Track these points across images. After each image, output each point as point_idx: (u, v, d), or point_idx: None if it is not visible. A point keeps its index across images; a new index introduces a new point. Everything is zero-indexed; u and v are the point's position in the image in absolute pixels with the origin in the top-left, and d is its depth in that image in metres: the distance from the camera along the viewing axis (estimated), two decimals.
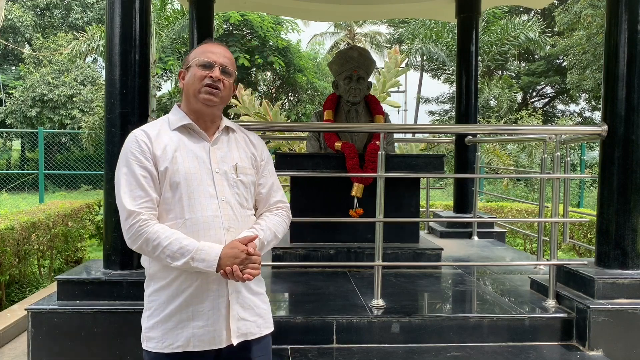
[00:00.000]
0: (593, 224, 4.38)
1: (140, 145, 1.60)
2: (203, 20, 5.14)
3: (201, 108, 1.67)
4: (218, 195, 1.63)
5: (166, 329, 1.60)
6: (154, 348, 1.61)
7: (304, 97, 18.95)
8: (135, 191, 1.56)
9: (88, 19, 20.83)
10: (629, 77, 2.82)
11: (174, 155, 1.61)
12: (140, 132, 1.65)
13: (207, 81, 1.64)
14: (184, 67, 1.73)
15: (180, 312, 1.59)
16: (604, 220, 2.93)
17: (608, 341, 2.63)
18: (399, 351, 2.61)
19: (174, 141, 1.64)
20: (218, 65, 1.67)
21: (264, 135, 7.62)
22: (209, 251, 1.54)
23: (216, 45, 1.72)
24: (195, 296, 1.59)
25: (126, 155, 1.61)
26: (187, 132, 1.68)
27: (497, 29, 16.55)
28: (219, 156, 1.68)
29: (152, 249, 1.54)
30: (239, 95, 8.56)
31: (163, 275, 1.61)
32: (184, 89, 1.71)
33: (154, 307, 1.63)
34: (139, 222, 1.54)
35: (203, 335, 1.60)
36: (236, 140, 1.76)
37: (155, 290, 1.63)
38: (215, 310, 1.60)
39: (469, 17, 5.23)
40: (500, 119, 14.90)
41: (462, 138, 5.15)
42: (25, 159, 16.83)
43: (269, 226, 1.72)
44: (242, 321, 1.65)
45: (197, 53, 1.70)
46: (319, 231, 3.84)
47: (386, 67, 9.00)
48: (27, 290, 4.86)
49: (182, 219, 1.59)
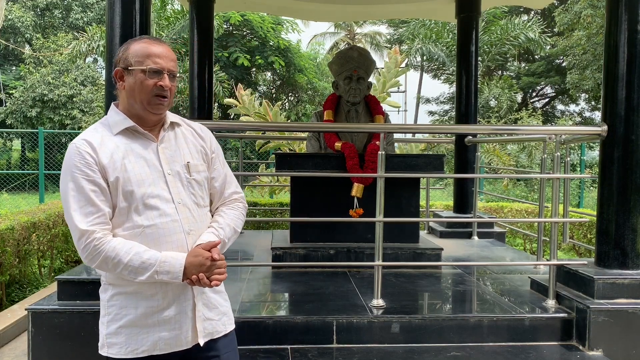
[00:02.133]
0: (593, 224, 4.38)
1: (84, 157, 1.49)
2: (203, 20, 5.14)
3: (147, 115, 1.58)
4: (174, 198, 1.56)
5: (130, 334, 1.53)
6: (116, 354, 1.54)
7: (304, 97, 18.95)
8: (86, 208, 1.47)
9: (88, 19, 20.82)
10: (629, 77, 2.82)
11: (123, 163, 1.52)
12: (82, 142, 1.52)
13: (157, 91, 1.55)
14: (121, 66, 1.58)
15: (145, 317, 1.54)
16: (603, 220, 2.93)
17: (608, 341, 2.64)
18: (399, 351, 2.61)
19: (120, 148, 1.54)
20: (166, 72, 1.56)
21: (264, 135, 7.62)
22: (173, 262, 1.49)
23: (158, 45, 1.59)
24: (160, 300, 1.54)
25: (70, 169, 1.49)
26: (131, 135, 1.58)
27: (497, 29, 16.55)
28: (168, 156, 1.60)
29: (112, 266, 1.47)
30: (238, 96, 8.55)
31: (125, 282, 1.53)
32: (126, 93, 1.58)
33: (115, 311, 1.55)
34: (94, 241, 1.46)
35: (170, 338, 1.56)
36: (183, 135, 1.67)
37: (115, 294, 1.56)
38: (182, 313, 1.57)
39: (469, 17, 5.23)
40: (500, 119, 14.90)
41: (462, 138, 5.15)
42: (25, 159, 16.82)
43: (228, 222, 1.68)
44: (208, 321, 1.63)
45: (139, 54, 1.56)
46: (319, 231, 3.85)
47: (386, 67, 9.00)
48: (27, 290, 4.86)
49: (140, 227, 1.52)
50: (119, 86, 1.61)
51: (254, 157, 13.76)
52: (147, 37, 1.64)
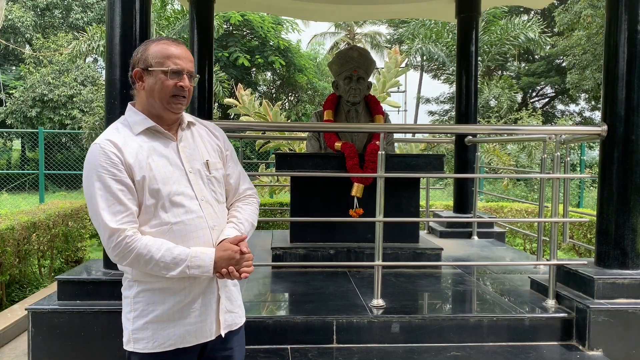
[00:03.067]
0: (593, 224, 4.38)
1: (110, 157, 1.52)
2: (203, 20, 5.14)
3: (166, 115, 1.62)
4: (197, 195, 1.61)
5: (157, 328, 1.57)
6: (143, 349, 1.58)
7: (304, 97, 18.95)
8: (114, 207, 1.50)
9: (88, 19, 20.81)
10: (629, 77, 2.82)
11: (148, 162, 1.56)
12: (106, 142, 1.55)
13: (176, 91, 1.59)
14: (141, 67, 1.61)
15: (173, 312, 1.58)
16: (603, 220, 2.93)
17: (608, 341, 2.64)
18: (399, 351, 2.62)
19: (143, 147, 1.58)
20: (186, 73, 1.61)
21: (264, 135, 7.62)
22: (203, 257, 1.54)
23: (177, 46, 1.63)
24: (187, 295, 1.59)
25: (96, 169, 1.51)
26: (151, 135, 1.62)
27: (497, 29, 16.55)
28: (188, 154, 1.65)
29: (143, 263, 1.51)
30: (238, 96, 8.55)
31: (153, 278, 1.57)
32: (146, 93, 1.61)
33: (142, 307, 1.59)
34: (125, 239, 1.49)
35: (196, 330, 1.61)
36: (199, 134, 1.73)
37: (142, 291, 1.59)
38: (207, 306, 1.62)
39: (469, 17, 5.23)
40: (500, 119, 14.88)
41: (462, 138, 5.15)
42: (25, 159, 16.83)
43: (246, 217, 1.74)
44: (229, 313, 1.69)
45: (159, 55, 1.60)
46: (319, 231, 3.85)
47: (386, 67, 8.99)
48: (27, 290, 4.86)
49: (168, 224, 1.56)
50: (138, 86, 1.64)
51: (254, 157, 13.76)
52: (165, 39, 1.67)
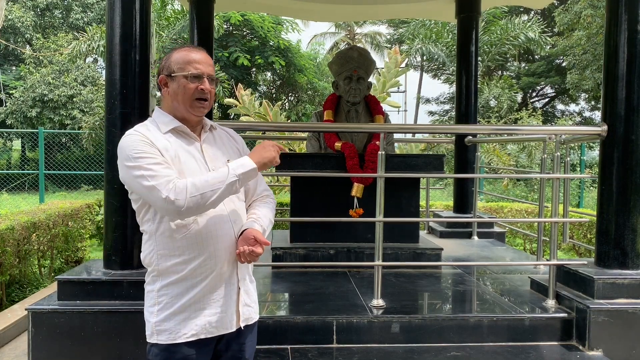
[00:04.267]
0: (593, 224, 4.38)
1: (145, 142, 1.60)
2: (203, 20, 5.14)
3: (190, 117, 1.71)
4: None
5: (180, 319, 1.63)
6: (166, 340, 1.63)
7: (304, 97, 18.95)
8: (161, 171, 1.56)
9: (88, 20, 20.81)
10: (629, 77, 2.82)
11: (177, 154, 1.64)
12: (137, 132, 1.64)
13: (198, 95, 1.68)
14: (165, 73, 1.71)
15: (195, 303, 1.64)
16: (603, 220, 2.93)
17: (608, 341, 2.64)
18: (399, 351, 2.62)
19: (171, 143, 1.66)
20: (206, 77, 1.69)
21: (264, 135, 7.62)
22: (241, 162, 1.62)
23: (198, 52, 1.72)
24: (209, 286, 1.65)
25: (132, 153, 1.58)
26: (177, 135, 1.70)
27: (497, 29, 16.55)
28: (211, 154, 1.73)
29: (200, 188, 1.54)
30: (238, 96, 8.55)
31: (176, 269, 1.64)
32: (171, 97, 1.70)
33: (166, 300, 1.64)
34: (175, 181, 1.55)
35: (217, 321, 1.67)
36: (220, 138, 1.82)
37: (166, 285, 1.65)
38: (228, 297, 1.69)
39: (469, 17, 5.23)
40: (500, 119, 14.88)
41: (462, 138, 5.16)
42: (25, 159, 16.83)
43: (265, 214, 1.81)
44: (246, 307, 1.76)
45: (180, 61, 1.69)
46: (319, 231, 3.85)
47: (386, 67, 9.00)
48: (27, 290, 4.86)
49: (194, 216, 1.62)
50: (164, 92, 1.74)
51: None
52: (187, 45, 1.78)
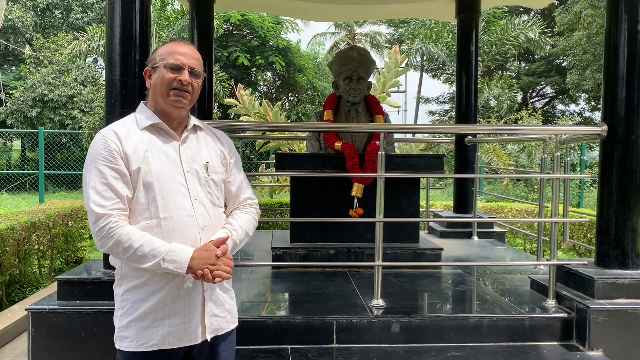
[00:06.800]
0: (593, 224, 4.38)
1: (108, 145, 1.57)
2: (203, 20, 5.13)
3: (169, 110, 1.67)
4: (191, 194, 1.64)
5: (140, 327, 1.59)
6: (127, 347, 1.59)
7: (304, 97, 18.95)
8: (105, 193, 1.54)
9: (88, 19, 20.81)
10: (629, 77, 2.82)
11: (145, 155, 1.60)
12: (109, 131, 1.61)
13: (176, 85, 1.64)
14: (150, 66, 1.70)
15: (155, 311, 1.59)
16: (603, 220, 2.93)
17: (608, 341, 2.64)
18: (399, 351, 2.61)
19: (144, 141, 1.62)
20: (187, 68, 1.66)
21: (264, 135, 7.62)
22: (181, 253, 1.54)
23: (184, 45, 1.70)
24: (171, 294, 1.60)
25: (94, 156, 1.57)
26: (156, 132, 1.67)
27: (497, 29, 16.53)
28: (189, 155, 1.68)
29: (122, 250, 1.52)
30: (238, 96, 8.56)
31: (137, 274, 1.60)
32: (152, 89, 1.69)
33: (128, 305, 1.61)
34: (110, 224, 1.52)
35: (179, 332, 1.61)
36: (205, 139, 1.77)
37: (128, 289, 1.61)
38: (192, 307, 1.62)
39: (469, 17, 5.23)
40: (500, 119, 14.87)
41: (462, 138, 5.15)
42: (25, 159, 16.83)
43: (241, 225, 1.75)
44: (215, 317, 1.68)
45: (164, 53, 1.67)
46: (319, 231, 3.85)
47: (386, 67, 9.00)
48: (27, 290, 4.86)
49: (157, 218, 1.58)
50: (147, 84, 1.72)
51: (254, 157, 13.76)
52: (175, 40, 1.76)
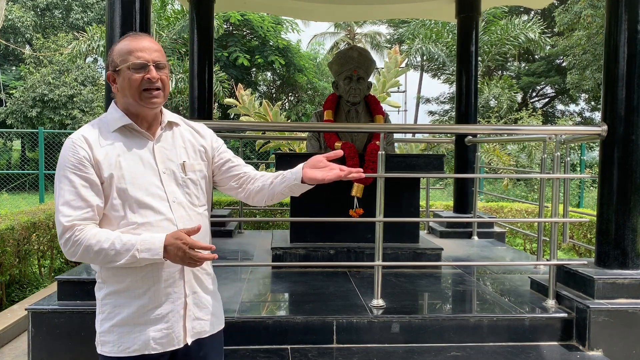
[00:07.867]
0: (593, 224, 4.38)
1: (78, 152, 1.50)
2: (203, 20, 5.14)
3: (144, 111, 1.58)
4: (168, 197, 1.57)
5: (122, 332, 1.54)
6: (109, 352, 1.55)
7: (304, 97, 18.96)
8: (74, 202, 1.48)
9: (88, 19, 20.83)
10: (629, 77, 2.82)
11: (117, 160, 1.53)
12: (79, 137, 1.53)
13: (146, 85, 1.54)
14: (111, 69, 1.59)
15: (137, 316, 1.54)
16: (603, 220, 2.93)
17: (608, 341, 2.64)
18: (399, 351, 2.61)
19: (115, 145, 1.55)
20: (151, 64, 1.55)
21: (264, 135, 7.62)
22: (153, 240, 1.47)
23: (141, 39, 1.58)
24: (152, 300, 1.54)
25: (64, 164, 1.51)
26: (128, 133, 1.58)
27: (497, 29, 16.55)
28: (164, 155, 1.60)
29: (94, 254, 1.47)
30: (238, 96, 8.57)
31: (117, 279, 1.54)
32: (120, 93, 1.59)
33: (108, 310, 1.56)
34: (75, 232, 1.46)
35: (162, 337, 1.56)
36: (181, 135, 1.67)
37: (109, 294, 1.56)
38: (175, 312, 1.57)
39: (469, 17, 5.23)
40: (500, 119, 14.88)
41: (462, 138, 5.15)
42: (25, 159, 16.81)
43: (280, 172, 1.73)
44: (197, 320, 1.63)
45: (124, 53, 1.56)
46: (319, 231, 3.85)
47: (386, 67, 9.01)
48: (27, 290, 4.86)
49: (134, 224, 1.52)
50: (113, 89, 1.62)
51: (254, 157, 13.76)
52: (129, 35, 1.63)
